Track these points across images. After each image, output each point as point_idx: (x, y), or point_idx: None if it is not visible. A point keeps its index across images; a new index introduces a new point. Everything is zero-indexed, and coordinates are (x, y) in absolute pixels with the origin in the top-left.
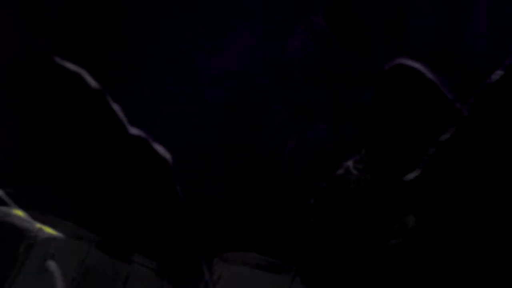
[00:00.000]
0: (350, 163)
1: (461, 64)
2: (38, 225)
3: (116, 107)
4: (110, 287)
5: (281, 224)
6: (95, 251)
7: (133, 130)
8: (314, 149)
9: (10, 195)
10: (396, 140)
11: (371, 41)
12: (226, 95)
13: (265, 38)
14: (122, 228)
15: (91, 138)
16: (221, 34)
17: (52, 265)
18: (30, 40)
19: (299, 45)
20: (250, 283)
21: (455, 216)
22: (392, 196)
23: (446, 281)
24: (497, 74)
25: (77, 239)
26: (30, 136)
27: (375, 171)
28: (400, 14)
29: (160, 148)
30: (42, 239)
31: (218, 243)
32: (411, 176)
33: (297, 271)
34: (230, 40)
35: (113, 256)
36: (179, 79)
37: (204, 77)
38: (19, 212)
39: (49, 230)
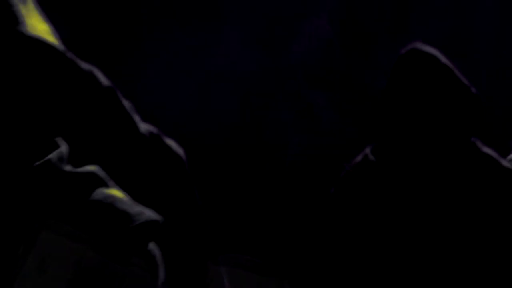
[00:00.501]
0: (368, 151)
1: (463, 65)
2: (133, 211)
3: (127, 103)
4: None
5: (278, 225)
6: (91, 253)
7: (145, 126)
8: (316, 151)
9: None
10: (412, 126)
11: (373, 41)
12: (230, 95)
13: (268, 39)
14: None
15: (103, 135)
16: (223, 36)
17: (153, 248)
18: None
19: (302, 46)
20: (243, 286)
21: None
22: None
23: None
24: None
25: (73, 240)
26: (43, 132)
27: (380, 167)
28: (402, 16)
29: (173, 143)
30: (41, 240)
31: (214, 245)
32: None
33: (289, 274)
34: (231, 42)
35: (109, 258)
36: (183, 80)
37: (207, 78)
38: (117, 192)
39: (151, 214)
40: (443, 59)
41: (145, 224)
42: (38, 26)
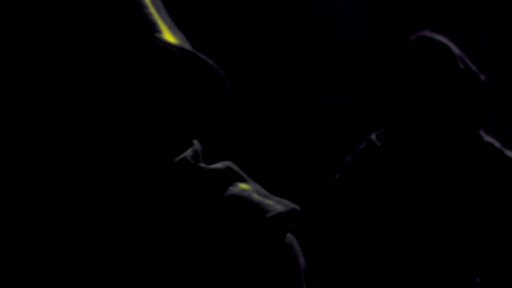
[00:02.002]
0: (373, 136)
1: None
2: (269, 201)
3: None
4: None
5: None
6: None
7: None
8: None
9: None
10: (419, 114)
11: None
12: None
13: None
14: None
15: None
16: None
17: (291, 238)
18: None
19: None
20: None
21: None
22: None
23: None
24: None
25: None
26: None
27: (395, 147)
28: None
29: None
30: None
31: None
32: None
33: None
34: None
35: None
36: None
37: None
38: (253, 185)
39: (289, 203)
40: (453, 46)
41: (282, 213)
42: (171, 37)
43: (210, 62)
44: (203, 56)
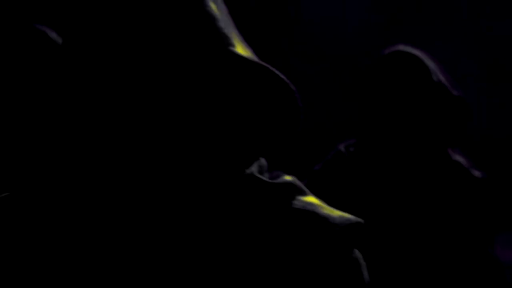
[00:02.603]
0: (342, 147)
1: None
2: (334, 215)
3: None
4: None
5: None
6: None
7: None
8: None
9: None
10: (392, 127)
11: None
12: None
13: None
14: None
15: None
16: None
17: (357, 253)
18: None
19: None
20: None
21: None
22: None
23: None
24: None
25: None
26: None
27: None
28: None
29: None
30: None
31: None
32: None
33: None
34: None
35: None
36: None
37: None
38: (315, 199)
39: (352, 217)
40: (427, 60)
41: (348, 226)
42: (244, 51)
43: (282, 76)
44: (275, 70)
